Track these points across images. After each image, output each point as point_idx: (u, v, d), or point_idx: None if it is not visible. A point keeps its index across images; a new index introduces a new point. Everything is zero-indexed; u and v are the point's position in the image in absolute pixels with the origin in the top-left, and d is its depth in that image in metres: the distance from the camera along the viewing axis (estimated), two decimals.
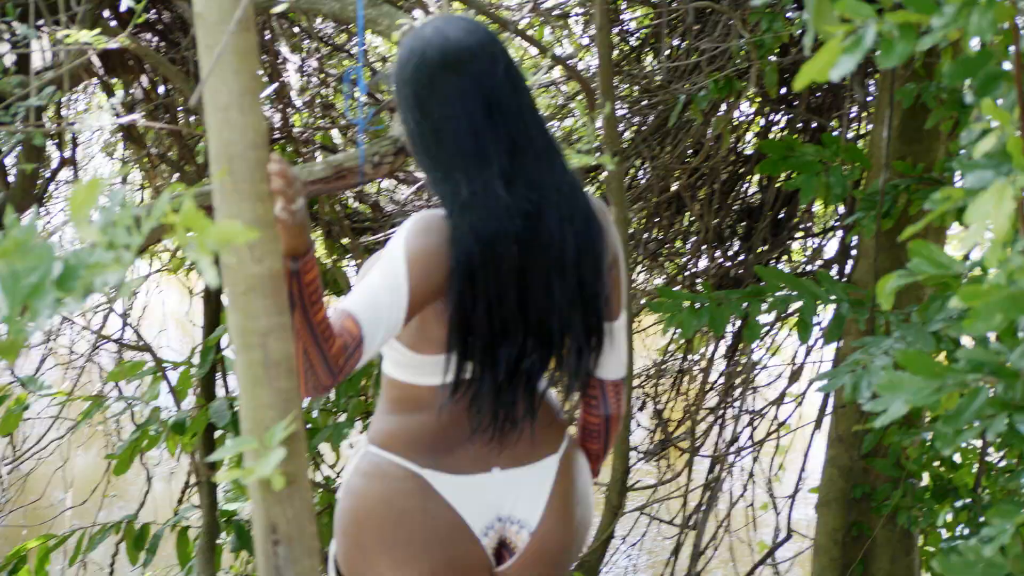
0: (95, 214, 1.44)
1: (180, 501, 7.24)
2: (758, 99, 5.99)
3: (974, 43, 1.78)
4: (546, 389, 2.93)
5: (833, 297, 3.84)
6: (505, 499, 2.89)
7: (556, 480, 2.92)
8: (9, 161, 5.96)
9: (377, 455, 2.86)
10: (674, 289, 5.10)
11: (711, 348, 6.70)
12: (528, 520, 2.90)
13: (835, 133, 5.76)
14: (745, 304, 3.95)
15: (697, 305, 3.97)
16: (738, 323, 6.08)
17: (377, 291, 2.58)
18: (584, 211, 2.81)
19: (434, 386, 2.81)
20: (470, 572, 2.88)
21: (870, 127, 5.59)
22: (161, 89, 6.23)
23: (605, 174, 5.69)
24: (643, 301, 6.51)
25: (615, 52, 6.22)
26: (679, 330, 4.82)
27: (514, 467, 2.88)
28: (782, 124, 6.20)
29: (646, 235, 6.68)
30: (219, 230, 1.46)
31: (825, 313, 4.08)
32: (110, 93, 5.89)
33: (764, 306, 3.91)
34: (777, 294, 3.90)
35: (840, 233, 6.06)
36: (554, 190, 2.77)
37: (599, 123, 4.79)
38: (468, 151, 2.69)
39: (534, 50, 5.91)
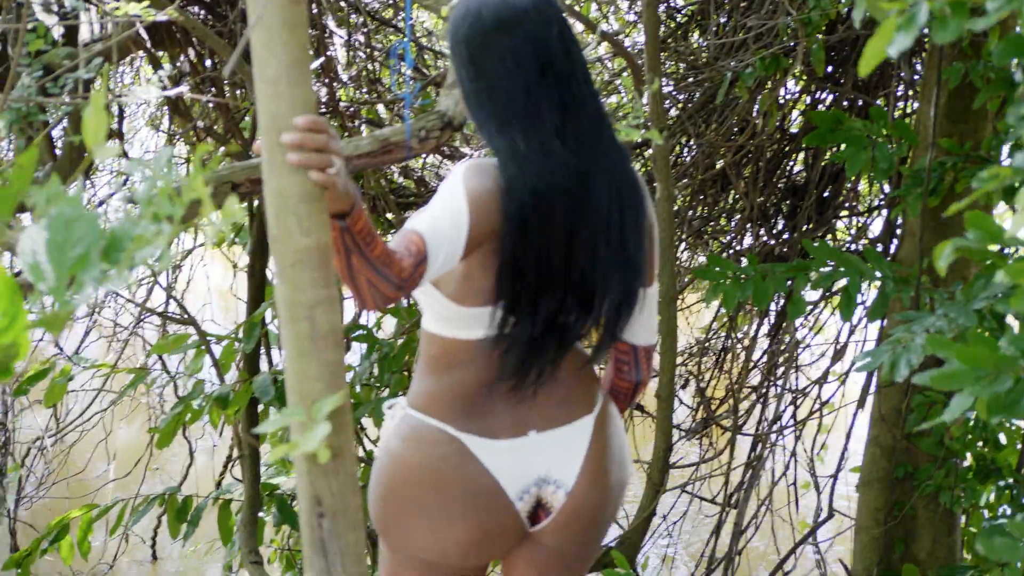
0: (110, 142, 1.44)
1: (222, 474, 7.29)
2: (804, 77, 5.95)
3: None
4: (580, 349, 2.97)
5: (879, 275, 3.83)
6: (542, 461, 2.91)
7: (592, 440, 2.94)
8: (56, 133, 5.99)
9: (416, 419, 2.88)
10: (712, 256, 5.10)
11: (754, 326, 6.68)
12: (565, 480, 2.92)
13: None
14: (790, 279, 3.94)
15: (742, 277, 3.96)
16: (781, 302, 6.07)
17: (439, 219, 2.59)
18: (631, 178, 2.87)
19: (475, 340, 2.84)
20: (503, 536, 2.93)
21: (917, 106, 5.55)
22: (208, 62, 6.24)
23: (651, 150, 5.67)
24: (686, 279, 6.51)
25: (662, 29, 6.21)
26: (723, 308, 4.80)
27: (550, 428, 2.91)
28: (828, 102, 6.16)
29: (690, 212, 6.67)
30: (228, 209, 1.47)
31: (869, 292, 4.07)
32: (157, 66, 5.90)
33: (809, 282, 3.90)
34: (822, 270, 3.89)
35: (885, 212, 6.03)
36: (603, 154, 2.81)
37: (645, 99, 4.78)
38: (521, 109, 2.74)
39: (581, 26, 5.88)
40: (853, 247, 6.34)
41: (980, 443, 4.64)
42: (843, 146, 4.24)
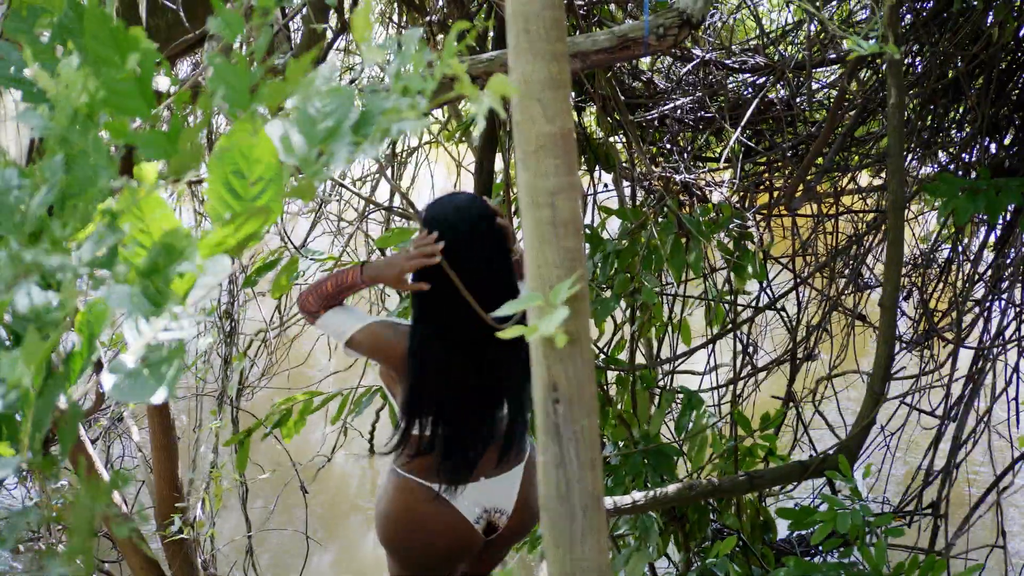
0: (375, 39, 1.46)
1: None
2: None
3: None
4: (509, 428, 4.34)
5: None
6: (490, 497, 4.40)
7: (521, 482, 4.44)
8: (293, 25, 6.07)
9: (401, 475, 4.36)
10: (943, 174, 4.99)
11: (980, 238, 6.54)
12: (506, 508, 4.43)
13: None
14: None
15: (975, 191, 3.88)
16: (1008, 215, 5.92)
17: (342, 318, 4.20)
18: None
19: (427, 434, 4.26)
20: (471, 545, 4.43)
21: None
22: None
23: (884, 59, 5.56)
24: (913, 189, 6.39)
25: None
26: (947, 219, 4.71)
27: (495, 475, 4.38)
28: None
29: (920, 123, 6.53)
30: (495, 83, 1.49)
31: None
32: None
33: None
34: None
35: None
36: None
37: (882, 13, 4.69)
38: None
39: None
40: None
41: None
42: None
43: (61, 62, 1.41)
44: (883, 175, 7.36)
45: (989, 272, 6.50)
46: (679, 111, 6.74)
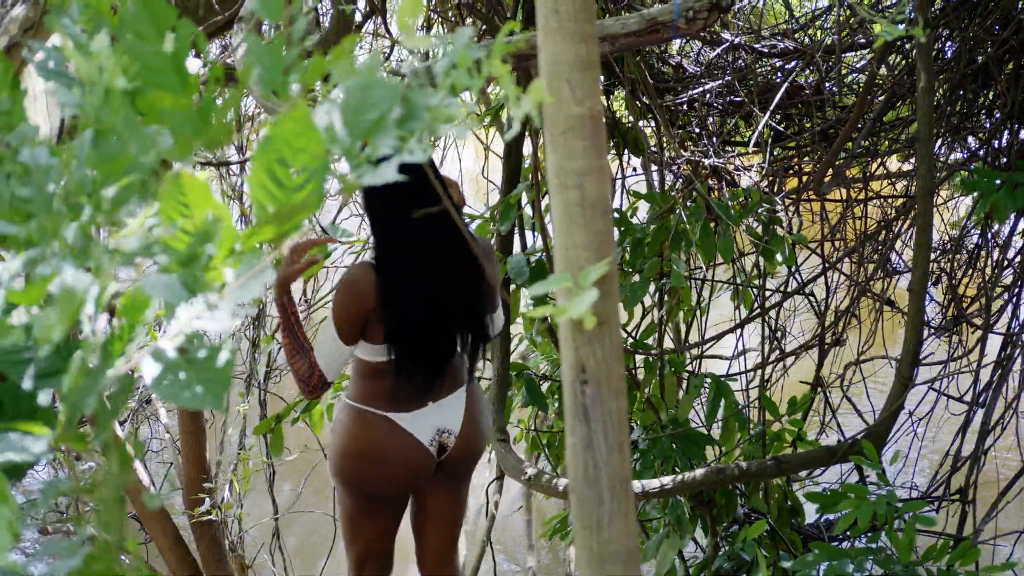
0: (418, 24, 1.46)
1: None
2: None
3: None
4: (455, 357, 4.68)
5: None
6: (438, 419, 4.72)
7: (465, 403, 4.78)
8: (321, 8, 6.08)
9: (358, 407, 4.67)
10: (978, 166, 4.97)
11: (1009, 224, 6.52)
12: (454, 429, 4.76)
13: None
14: None
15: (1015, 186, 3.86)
16: None
17: (326, 344, 4.48)
18: (473, 256, 4.48)
19: (383, 361, 4.57)
20: (424, 469, 4.76)
21: None
22: None
23: (913, 43, 5.54)
24: (942, 174, 6.36)
25: None
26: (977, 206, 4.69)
27: (441, 399, 4.71)
28: None
29: (948, 108, 6.51)
30: (535, 87, 1.48)
31: None
32: None
33: None
34: None
35: None
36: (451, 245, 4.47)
37: None
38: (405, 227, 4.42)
39: None
40: None
41: None
42: None
43: (93, 40, 1.42)
44: (912, 160, 7.35)
45: (1018, 258, 6.48)
46: (708, 95, 6.73)
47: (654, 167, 6.57)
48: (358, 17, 6.52)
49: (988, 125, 6.64)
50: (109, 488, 1.34)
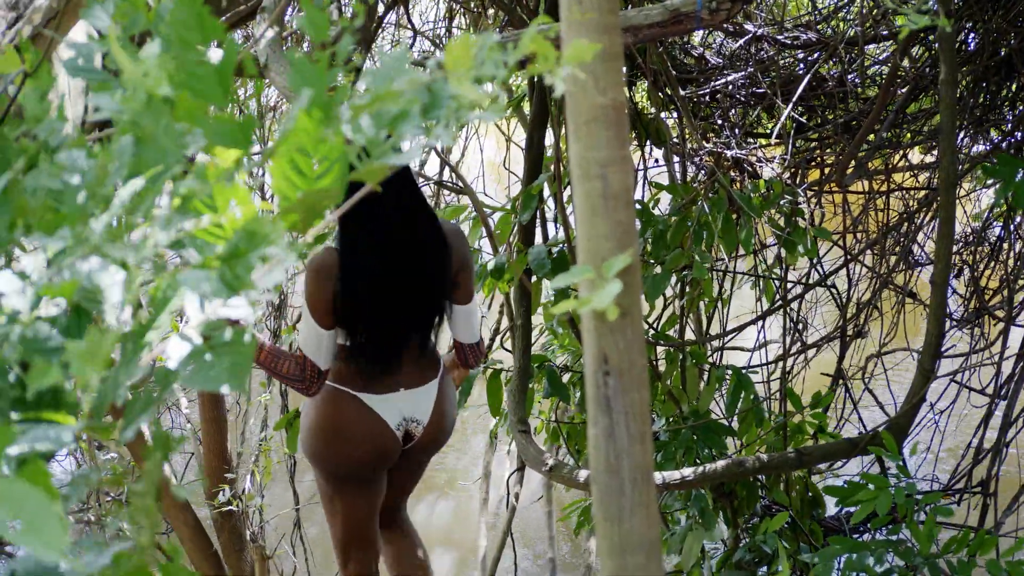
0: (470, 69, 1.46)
1: (491, 346, 7.39)
2: None
3: None
4: (423, 345, 4.83)
5: None
6: (408, 407, 4.82)
7: (436, 395, 4.87)
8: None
9: (328, 385, 4.74)
10: (1000, 156, 4.95)
11: None
12: (422, 419, 4.86)
13: None
14: None
15: None
16: None
17: (306, 333, 4.57)
18: (438, 238, 4.62)
19: (349, 344, 4.66)
20: (392, 452, 4.87)
21: None
22: None
23: (936, 35, 5.53)
24: (965, 167, 6.35)
25: None
26: (1001, 198, 4.68)
27: (412, 388, 4.80)
28: None
29: (972, 100, 6.49)
30: (574, 48, 1.49)
31: None
32: None
33: None
34: None
35: None
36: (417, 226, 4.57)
37: None
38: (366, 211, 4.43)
39: None
40: None
41: None
42: None
43: (145, 47, 1.43)
44: (935, 152, 7.33)
45: None
46: (730, 87, 6.73)
47: (676, 158, 6.57)
48: (381, 8, 6.53)
49: (1011, 117, 6.63)
50: (145, 487, 1.34)
